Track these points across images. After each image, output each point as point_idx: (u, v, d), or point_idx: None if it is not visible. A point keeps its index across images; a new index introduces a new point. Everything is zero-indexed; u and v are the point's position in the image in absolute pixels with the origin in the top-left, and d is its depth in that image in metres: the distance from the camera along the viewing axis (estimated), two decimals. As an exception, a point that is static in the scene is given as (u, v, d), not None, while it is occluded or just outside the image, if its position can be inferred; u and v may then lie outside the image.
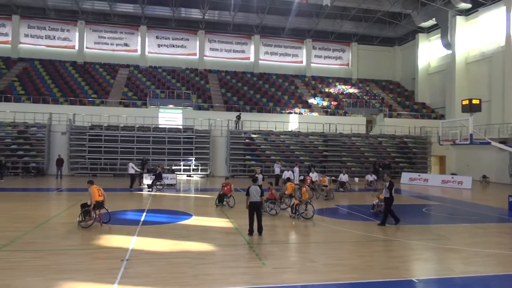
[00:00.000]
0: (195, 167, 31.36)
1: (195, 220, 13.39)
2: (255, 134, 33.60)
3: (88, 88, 37.31)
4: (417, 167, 34.92)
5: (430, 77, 43.79)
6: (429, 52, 43.78)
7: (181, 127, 32.78)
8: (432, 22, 41.41)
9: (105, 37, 43.67)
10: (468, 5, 36.36)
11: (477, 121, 29.90)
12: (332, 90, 44.80)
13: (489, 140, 27.66)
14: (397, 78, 49.58)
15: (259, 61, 46.49)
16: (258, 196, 11.19)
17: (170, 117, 34.72)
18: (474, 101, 26.28)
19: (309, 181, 20.21)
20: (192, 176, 31.00)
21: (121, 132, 30.84)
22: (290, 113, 37.19)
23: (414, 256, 9.80)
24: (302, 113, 37.87)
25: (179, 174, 29.01)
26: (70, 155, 29.83)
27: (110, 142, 30.34)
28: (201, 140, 32.01)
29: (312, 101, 41.28)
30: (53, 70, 39.78)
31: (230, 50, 46.31)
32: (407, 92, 46.62)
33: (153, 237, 10.64)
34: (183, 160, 31.23)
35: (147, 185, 21.70)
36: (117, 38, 43.98)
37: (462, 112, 28.80)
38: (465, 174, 30.20)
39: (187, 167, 31.26)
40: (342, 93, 44.23)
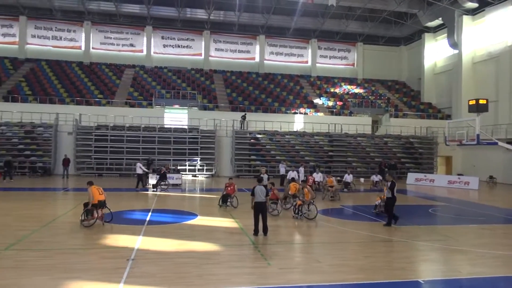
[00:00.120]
0: (200, 167, 31.43)
1: (201, 220, 13.41)
2: (260, 134, 33.61)
3: (94, 89, 37.54)
4: (423, 168, 34.70)
5: (437, 77, 43.52)
6: (436, 52, 43.51)
7: (187, 127, 32.86)
8: (439, 22, 41.17)
9: (111, 38, 43.91)
10: (475, 5, 36.08)
11: (484, 121, 29.73)
12: (338, 90, 44.67)
13: (496, 141, 27.55)
14: (403, 78, 49.32)
15: (264, 61, 46.49)
16: (263, 196, 11.21)
17: (176, 117, 34.85)
18: (481, 101, 26.21)
19: (311, 181, 20.24)
20: (198, 176, 31.07)
21: (127, 132, 30.97)
22: (295, 113, 37.15)
23: (421, 257, 9.74)
24: (308, 113, 37.80)
25: (185, 174, 29.07)
26: (76, 155, 30.02)
27: (116, 142, 30.47)
28: (207, 140, 32.06)
29: (318, 101, 41.19)
30: (60, 71, 40.06)
31: (236, 50, 46.35)
32: (413, 92, 46.37)
33: (159, 237, 10.68)
34: (189, 160, 31.29)
35: (152, 185, 21.79)
36: (123, 39, 44.20)
37: (469, 112, 28.85)
38: (472, 175, 29.94)
39: (193, 167, 31.32)
40: (348, 93, 44.09)
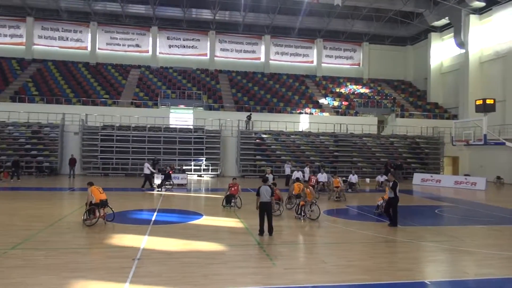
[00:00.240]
0: (206, 167, 31.47)
1: (206, 220, 13.41)
2: (266, 134, 33.59)
3: (100, 89, 37.74)
4: (430, 168, 34.47)
5: (443, 77, 43.22)
6: (442, 52, 43.22)
7: (192, 127, 32.92)
8: (445, 21, 40.90)
9: (117, 38, 44.13)
10: (482, 4, 35.78)
11: (491, 121, 29.45)
12: (343, 90, 44.52)
13: (504, 141, 27.27)
14: (409, 78, 49.04)
15: (270, 61, 46.47)
16: (269, 196, 11.20)
17: (181, 117, 34.95)
18: (488, 101, 25.98)
19: (314, 182, 20.17)
20: (203, 176, 31.11)
21: (133, 132, 31.09)
22: (301, 113, 37.08)
23: (427, 258, 9.66)
24: (313, 113, 37.70)
25: (190, 174, 29.12)
26: (83, 155, 30.19)
27: (122, 142, 30.61)
28: (212, 140, 32.09)
29: (323, 101, 41.08)
30: (66, 71, 40.32)
31: (241, 51, 46.37)
32: (420, 92, 46.08)
33: (164, 237, 10.69)
34: (194, 160, 31.36)
35: (157, 185, 21.85)
36: (129, 39, 44.40)
37: (476, 112, 28.62)
38: (479, 175, 29.69)
39: (198, 167, 31.38)
40: (353, 93, 43.93)
